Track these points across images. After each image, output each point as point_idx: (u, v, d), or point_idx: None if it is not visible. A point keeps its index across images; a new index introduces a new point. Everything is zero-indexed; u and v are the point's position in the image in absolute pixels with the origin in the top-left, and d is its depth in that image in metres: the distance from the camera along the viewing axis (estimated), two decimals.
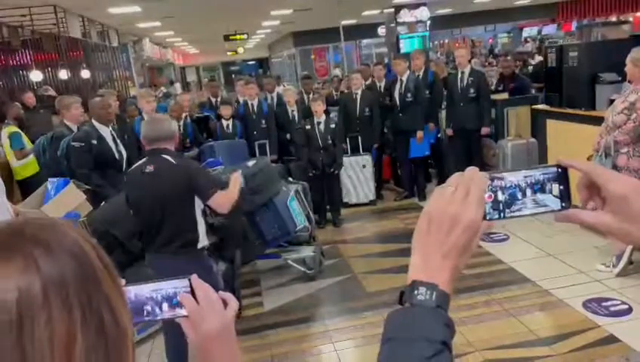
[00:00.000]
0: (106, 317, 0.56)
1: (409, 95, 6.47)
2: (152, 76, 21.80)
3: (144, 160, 3.05)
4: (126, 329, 0.59)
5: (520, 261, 4.69)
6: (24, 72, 10.29)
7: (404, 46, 14.81)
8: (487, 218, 0.70)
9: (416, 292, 0.66)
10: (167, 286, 0.91)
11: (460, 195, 0.68)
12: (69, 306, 0.53)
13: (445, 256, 0.67)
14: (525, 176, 0.71)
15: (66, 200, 3.42)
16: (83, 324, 0.53)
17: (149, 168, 2.96)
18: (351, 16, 15.74)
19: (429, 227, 0.69)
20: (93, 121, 4.61)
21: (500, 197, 0.71)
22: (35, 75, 9.44)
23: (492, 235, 5.26)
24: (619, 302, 3.78)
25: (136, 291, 0.90)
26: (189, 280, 0.91)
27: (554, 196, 0.71)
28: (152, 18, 12.32)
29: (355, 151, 6.70)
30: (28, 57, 10.32)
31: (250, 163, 4.66)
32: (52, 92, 7.84)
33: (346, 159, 6.62)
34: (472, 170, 0.70)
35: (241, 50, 23.73)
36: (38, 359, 0.50)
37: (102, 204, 3.94)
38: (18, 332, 0.50)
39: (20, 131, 5.94)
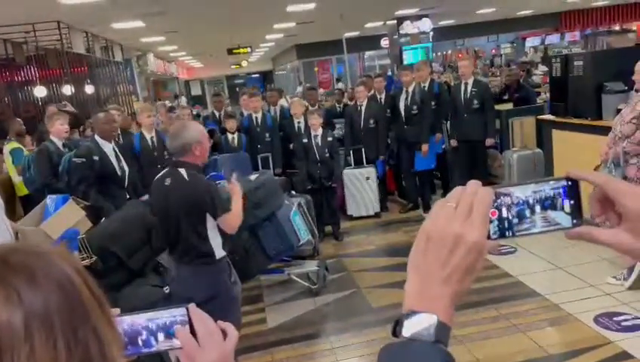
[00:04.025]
0: (92, 350, 0.54)
1: (415, 107, 6.43)
2: (156, 90, 21.92)
3: (165, 171, 3.07)
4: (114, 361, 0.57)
5: (528, 274, 4.60)
6: (29, 88, 10.36)
7: (407, 57, 14.86)
8: (493, 237, 0.64)
9: (412, 323, 0.60)
10: (164, 316, 0.87)
11: (462, 213, 0.61)
12: (54, 338, 0.51)
13: (445, 281, 0.61)
14: (534, 191, 0.65)
15: (65, 217, 3.38)
16: (68, 357, 0.52)
17: (168, 181, 2.99)
18: (354, 29, 15.82)
19: (427, 247, 0.62)
20: (96, 136, 4.59)
21: (507, 214, 0.65)
22: (39, 91, 9.48)
23: (499, 248, 5.15)
24: (631, 317, 3.69)
25: (132, 320, 0.87)
26: (187, 309, 0.87)
27: (565, 213, 0.65)
28: (156, 33, 12.40)
29: (358, 163, 6.65)
30: (32, 73, 10.39)
31: (253, 176, 4.62)
32: (70, 107, 7.87)
33: (349, 171, 6.58)
34: (474, 185, 0.64)
35: (245, 63, 23.83)
36: None
37: (102, 221, 3.90)
38: None
39: (22, 147, 5.94)
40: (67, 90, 10.03)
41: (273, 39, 17.18)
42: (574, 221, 0.65)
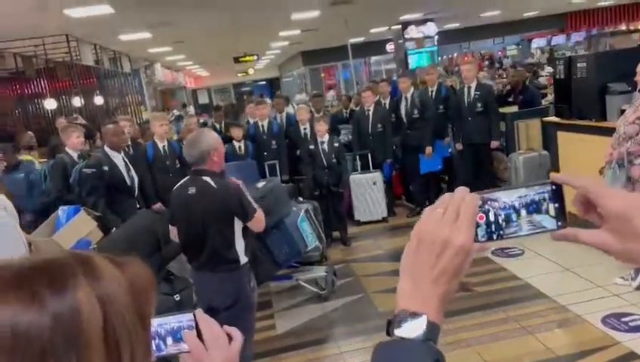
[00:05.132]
0: None
1: (415, 111, 6.49)
2: (164, 100, 22.10)
3: (186, 179, 3.11)
4: None
5: (536, 276, 4.61)
6: (39, 101, 10.50)
7: (412, 61, 14.89)
8: (481, 240, 0.68)
9: (404, 323, 0.64)
10: (172, 321, 0.92)
11: (449, 218, 0.65)
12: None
13: (435, 282, 0.65)
14: (520, 196, 0.69)
15: (77, 228, 3.45)
16: None
17: (192, 190, 3.02)
18: (359, 34, 15.87)
19: (418, 250, 0.66)
20: (106, 147, 4.67)
21: (494, 218, 0.68)
22: (50, 103, 9.61)
23: (507, 250, 5.18)
24: (639, 317, 3.69)
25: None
26: (194, 314, 0.92)
27: (550, 216, 0.69)
28: (163, 43, 12.53)
29: (365, 168, 6.69)
30: (43, 86, 10.54)
31: (260, 184, 4.67)
32: (82, 120, 7.99)
33: (356, 177, 6.62)
34: (462, 191, 0.68)
35: (251, 71, 23.98)
36: None
37: (112, 231, 3.97)
38: None
39: (34, 160, 6.04)
40: (77, 101, 10.17)
41: (279, 47, 17.28)
42: (559, 223, 0.68)
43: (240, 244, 3.10)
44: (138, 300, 0.61)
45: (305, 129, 6.73)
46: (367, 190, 6.66)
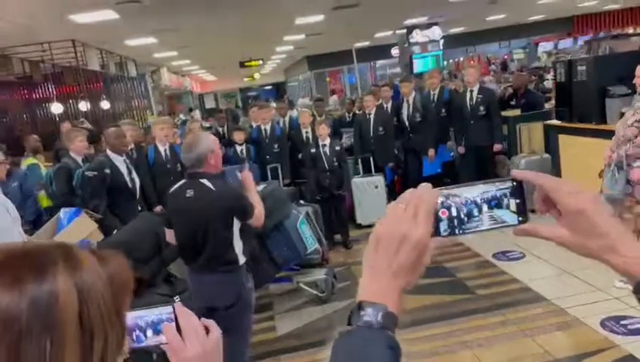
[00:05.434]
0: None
1: (417, 115, 6.51)
2: (171, 104, 22.24)
3: (183, 182, 3.12)
4: None
5: (535, 279, 4.60)
6: (46, 105, 10.62)
7: (417, 66, 14.88)
8: (444, 234, 0.70)
9: (362, 313, 0.66)
10: (153, 314, 0.95)
11: (408, 213, 0.68)
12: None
13: (394, 276, 0.67)
14: (482, 192, 0.71)
15: (77, 230, 3.50)
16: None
17: (190, 193, 3.04)
18: (363, 39, 15.91)
19: (378, 246, 0.69)
20: (108, 150, 4.73)
21: (456, 213, 0.70)
22: (56, 108, 9.72)
23: (508, 254, 5.18)
24: (638, 320, 3.67)
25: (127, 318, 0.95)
26: (173, 307, 0.95)
27: (511, 211, 0.71)
28: (168, 48, 12.63)
29: (367, 171, 6.72)
30: (50, 91, 10.66)
31: (260, 187, 4.70)
32: (87, 124, 8.08)
33: (358, 180, 6.64)
34: (423, 187, 0.70)
35: (257, 75, 24.09)
36: None
37: (114, 233, 4.01)
38: None
39: (39, 163, 6.11)
40: (83, 106, 10.28)
41: (284, 51, 17.36)
42: (520, 218, 0.71)
43: (238, 245, 3.13)
44: (116, 292, 0.65)
45: (307, 132, 6.76)
46: (369, 193, 6.68)
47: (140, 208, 4.81)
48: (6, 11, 6.79)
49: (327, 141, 6.07)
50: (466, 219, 0.71)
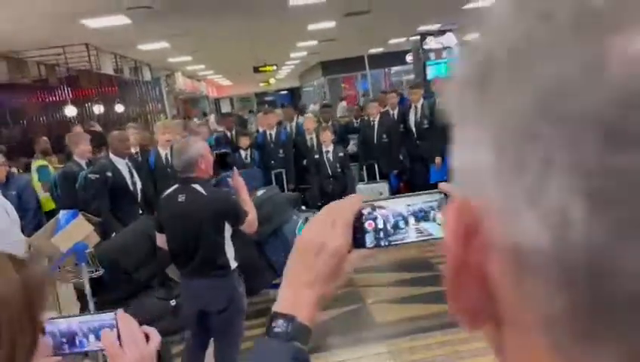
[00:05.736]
0: None
1: (425, 121, 6.47)
2: (186, 108, 22.44)
3: (175, 187, 3.13)
4: None
5: None
6: (62, 108, 10.81)
7: (431, 72, 14.81)
8: (369, 246, 0.70)
9: (273, 324, 0.67)
10: (95, 319, 0.97)
11: (328, 223, 0.68)
12: None
13: (310, 285, 0.68)
14: (408, 204, 0.71)
15: (74, 232, 3.54)
16: None
17: (181, 198, 3.05)
18: (377, 45, 15.91)
19: (298, 256, 0.69)
20: (110, 153, 4.79)
21: (382, 225, 0.70)
22: (70, 111, 9.88)
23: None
24: None
25: (68, 323, 0.97)
26: (115, 314, 0.97)
27: (437, 224, 0.70)
28: (182, 53, 12.78)
29: (372, 178, 6.70)
30: (65, 94, 10.85)
31: (260, 192, 4.72)
32: (97, 127, 8.21)
33: (362, 187, 6.62)
34: (348, 198, 0.71)
35: (272, 80, 24.23)
36: None
37: (112, 235, 4.06)
38: None
39: (48, 165, 6.22)
40: (98, 109, 10.44)
41: (298, 57, 17.44)
42: None
43: (230, 251, 3.13)
44: (29, 296, 0.66)
45: (311, 138, 6.78)
46: None
47: (141, 211, 4.85)
48: (21, 15, 6.94)
49: (331, 147, 6.07)
50: (392, 231, 0.71)
